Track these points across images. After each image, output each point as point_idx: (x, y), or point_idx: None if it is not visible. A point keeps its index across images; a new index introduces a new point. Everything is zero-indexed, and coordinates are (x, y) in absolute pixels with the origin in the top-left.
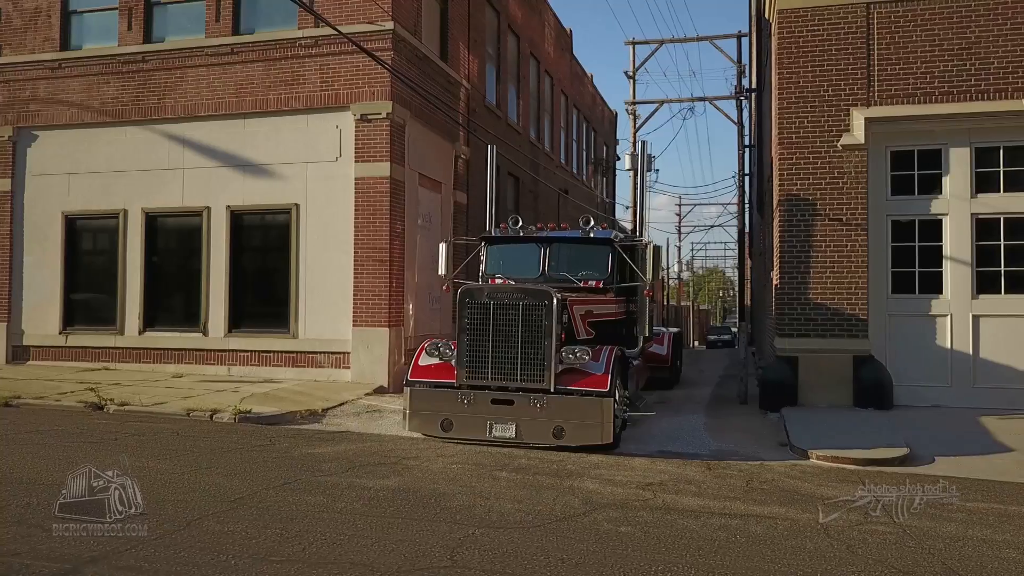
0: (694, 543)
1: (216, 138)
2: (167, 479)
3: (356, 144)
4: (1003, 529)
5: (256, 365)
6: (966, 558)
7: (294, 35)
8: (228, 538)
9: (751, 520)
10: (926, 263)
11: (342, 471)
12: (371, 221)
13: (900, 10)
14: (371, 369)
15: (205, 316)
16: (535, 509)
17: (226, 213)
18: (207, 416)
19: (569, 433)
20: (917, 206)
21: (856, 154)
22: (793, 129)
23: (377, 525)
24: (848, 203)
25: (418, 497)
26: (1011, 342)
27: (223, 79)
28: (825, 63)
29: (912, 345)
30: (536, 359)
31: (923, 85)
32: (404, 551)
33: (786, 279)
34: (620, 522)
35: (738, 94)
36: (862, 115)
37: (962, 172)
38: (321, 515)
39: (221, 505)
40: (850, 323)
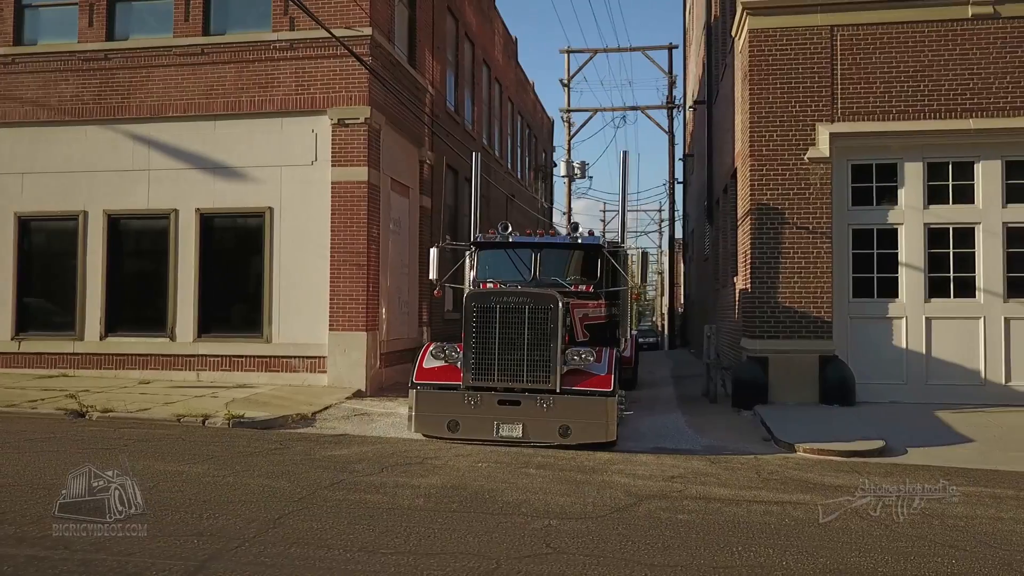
0: (752, 526)
1: (185, 140)
2: (212, 482)
3: (333, 148)
4: (1004, 509)
5: (227, 370)
6: (989, 532)
7: (268, 37)
8: (325, 534)
9: (787, 506)
10: (884, 269)
11: (377, 471)
12: (348, 225)
13: (861, 33)
14: (348, 373)
15: (173, 320)
16: (587, 501)
17: (195, 216)
18: (199, 422)
19: (575, 432)
20: (875, 216)
21: (821, 167)
22: (763, 142)
23: (455, 519)
24: (814, 212)
25: (470, 493)
26: (959, 342)
27: (193, 80)
28: (793, 80)
29: (871, 346)
30: (542, 361)
31: (882, 104)
32: (500, 541)
33: (756, 284)
34: (673, 511)
35: (669, 104)
36: (827, 130)
37: (916, 185)
38: (394, 511)
39: (290, 505)
40: (816, 325)
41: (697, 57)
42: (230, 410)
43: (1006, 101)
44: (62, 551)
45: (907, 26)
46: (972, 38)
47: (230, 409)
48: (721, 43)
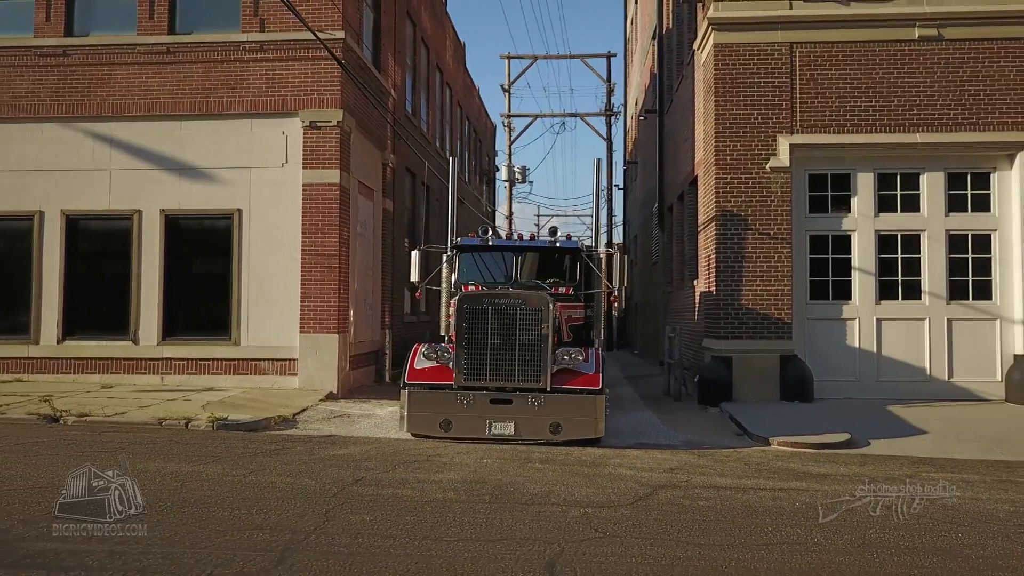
0: (769, 510)
1: (149, 139)
2: (237, 481)
3: (304, 151)
4: (981, 490)
5: (193, 373)
6: (972, 511)
7: (237, 38)
8: (381, 525)
9: (791, 492)
10: (838, 273)
11: (390, 468)
12: (320, 228)
13: (818, 51)
14: (319, 376)
15: (135, 324)
16: (607, 492)
17: (160, 217)
18: (182, 424)
19: (565, 429)
20: (831, 223)
21: (782, 176)
22: (728, 152)
23: (495, 509)
24: (775, 219)
25: (494, 486)
26: (907, 342)
27: (157, 79)
28: (755, 94)
29: (827, 345)
30: (534, 361)
31: (837, 117)
32: (549, 528)
33: (721, 287)
34: (691, 498)
35: (608, 112)
36: (787, 141)
37: (867, 194)
38: (434, 503)
39: (329, 500)
40: (777, 326)
41: (642, 67)
42: (213, 413)
43: (949, 117)
44: (134, 545)
45: (860, 45)
46: (919, 58)
47: (212, 412)
48: (676, 55)
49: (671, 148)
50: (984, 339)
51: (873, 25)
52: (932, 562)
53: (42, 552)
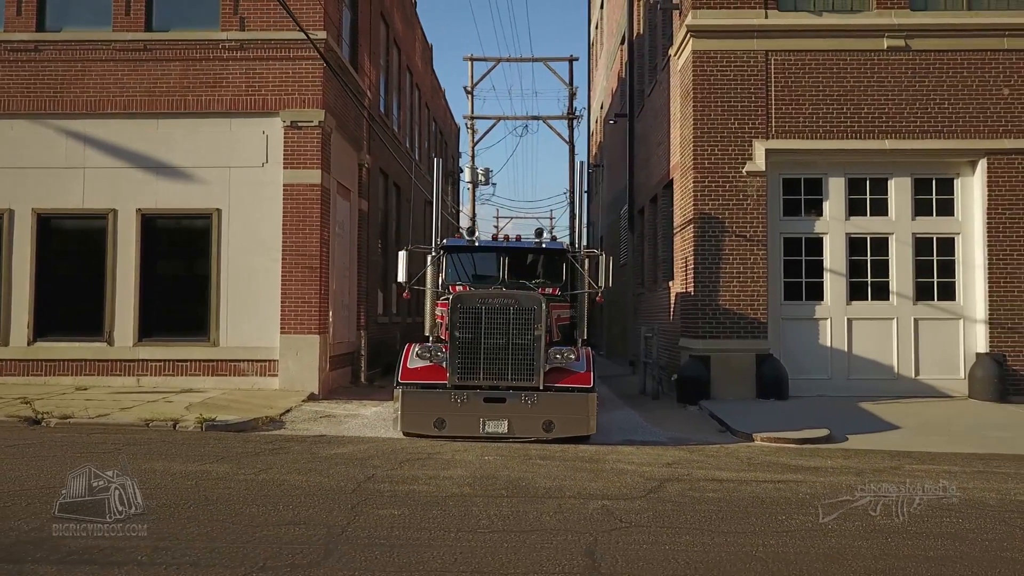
0: (776, 500)
1: (125, 137)
2: (249, 479)
3: (285, 151)
4: (965, 480)
5: (170, 375)
6: (980, 497)
7: (217, 36)
8: (412, 519)
9: (790, 484)
10: (811, 274)
11: (396, 466)
12: (301, 228)
13: (792, 59)
14: (300, 376)
15: (110, 325)
16: (617, 485)
17: (136, 216)
18: (170, 426)
19: (558, 426)
20: (804, 226)
21: (758, 180)
22: (706, 156)
23: (516, 503)
24: (751, 222)
25: (506, 482)
26: (876, 341)
27: (134, 76)
28: (732, 99)
29: (800, 344)
30: (527, 359)
31: (810, 123)
32: (575, 519)
33: (699, 288)
34: (699, 490)
35: (570, 115)
36: (763, 146)
37: (838, 198)
38: (455, 498)
39: (350, 497)
40: (753, 326)
41: (608, 71)
42: (201, 414)
43: (916, 125)
44: (175, 541)
45: (832, 54)
46: (888, 67)
47: (201, 413)
48: (648, 60)
49: (642, 152)
50: (948, 338)
51: (844, 35)
52: (943, 544)
53: (87, 548)
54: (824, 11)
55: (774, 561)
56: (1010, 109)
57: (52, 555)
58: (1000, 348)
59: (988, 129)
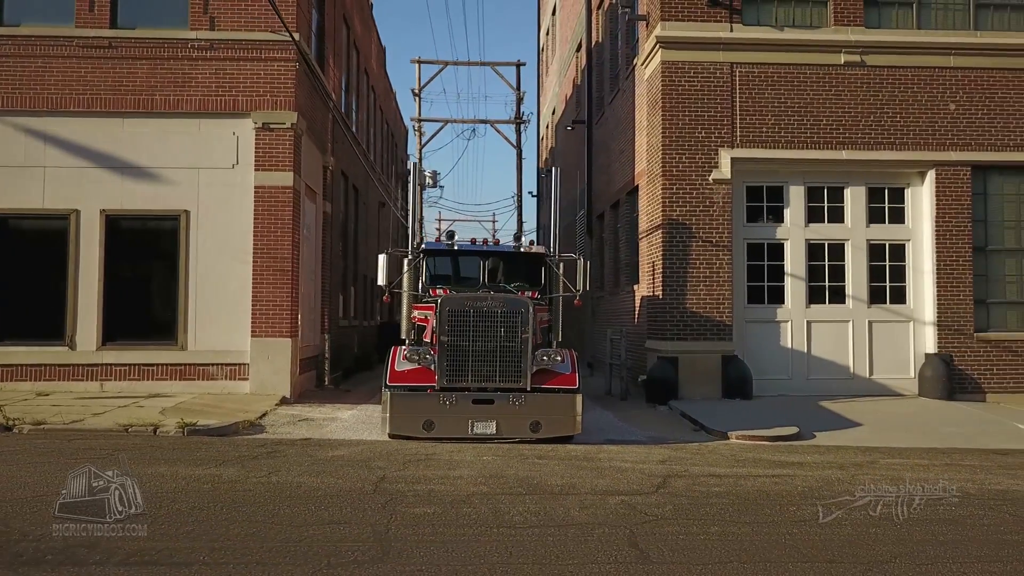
0: (779, 492)
1: (88, 136)
2: (264, 482)
3: (257, 152)
4: (939, 473)
5: (135, 380)
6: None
7: (186, 36)
8: (442, 517)
9: (784, 477)
10: (773, 279)
11: (400, 467)
12: (272, 231)
13: (756, 71)
14: (272, 380)
15: (72, 328)
16: (625, 482)
17: (100, 217)
18: (149, 430)
19: (545, 427)
20: (766, 232)
21: (723, 187)
22: (674, 164)
23: (537, 500)
24: (717, 228)
25: (516, 480)
26: (833, 343)
27: (99, 74)
28: (699, 109)
29: (763, 346)
30: (514, 362)
31: (773, 134)
32: (602, 513)
33: (667, 292)
34: (705, 484)
35: (518, 120)
36: (728, 155)
37: (798, 205)
38: (478, 496)
39: (375, 497)
40: (719, 328)
41: (561, 77)
42: (183, 419)
43: (870, 136)
44: (225, 541)
45: (793, 68)
46: (844, 82)
47: (182, 418)
48: (609, 68)
49: (602, 158)
50: (900, 340)
51: (804, 50)
52: (948, 530)
53: (139, 551)
54: (786, 26)
55: (805, 547)
56: (956, 123)
57: (110, 558)
58: (947, 349)
59: (936, 142)
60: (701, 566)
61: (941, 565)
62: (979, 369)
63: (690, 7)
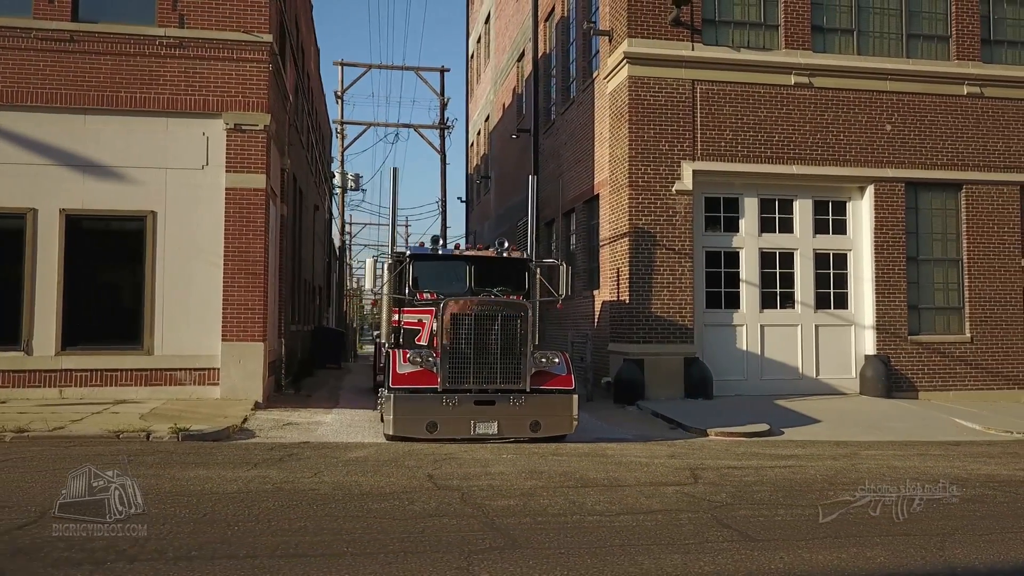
0: (804, 479)
1: (46, 132)
2: (319, 484)
3: (228, 154)
4: (924, 461)
5: (98, 385)
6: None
7: (153, 32)
8: (530, 506)
9: (794, 468)
10: (729, 285)
11: (434, 465)
12: (244, 233)
13: (715, 88)
14: (244, 385)
15: (28, 332)
16: (659, 475)
17: (59, 217)
18: (142, 436)
19: (544, 426)
20: (723, 240)
21: (685, 198)
22: (640, 174)
23: (602, 491)
24: (679, 236)
25: (561, 475)
26: (784, 345)
27: (58, 67)
28: (664, 123)
29: (720, 349)
30: (514, 363)
31: (729, 148)
32: (672, 502)
33: (634, 297)
34: (734, 475)
35: (442, 125)
36: (690, 167)
37: (752, 216)
38: (543, 490)
39: (444, 493)
40: (681, 332)
41: (498, 86)
42: (175, 423)
43: (817, 153)
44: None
45: (749, 87)
46: (795, 101)
47: (175, 423)
48: (561, 80)
49: (552, 167)
50: (842, 342)
51: (758, 70)
52: (975, 507)
53: (292, 544)
54: (742, 47)
55: (881, 522)
56: (892, 143)
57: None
58: (885, 351)
59: (875, 160)
60: (803, 542)
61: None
62: (912, 369)
63: (655, 25)
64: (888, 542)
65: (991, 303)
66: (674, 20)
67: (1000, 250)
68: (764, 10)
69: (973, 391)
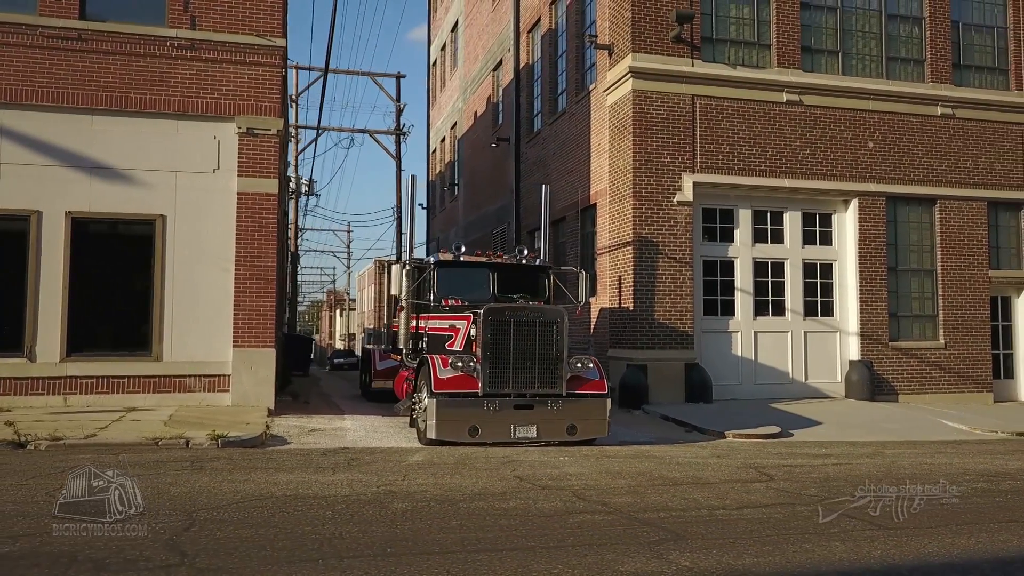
0: (858, 475)
1: (53, 132)
2: (418, 485)
3: (240, 158)
4: (933, 457)
5: (104, 393)
6: (956, 470)
7: (165, 33)
8: (651, 504)
9: (842, 464)
10: (725, 293)
11: (502, 467)
12: (256, 238)
13: (713, 103)
14: (255, 391)
15: (32, 339)
16: (727, 473)
17: (65, 219)
18: (182, 443)
19: (580, 430)
20: (719, 250)
21: (686, 208)
22: (643, 185)
23: (686, 490)
24: (680, 246)
25: (638, 474)
26: (777, 351)
27: (65, 66)
28: (665, 136)
29: (717, 354)
30: (552, 368)
31: (727, 161)
32: (758, 495)
33: (638, 304)
34: (803, 472)
35: (397, 131)
36: (690, 179)
37: (746, 227)
38: (638, 488)
39: (559, 493)
40: (682, 338)
41: (468, 93)
42: (214, 430)
43: (807, 167)
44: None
45: (744, 103)
46: (786, 118)
47: (214, 429)
48: (549, 91)
49: (538, 175)
50: (829, 348)
51: (753, 87)
52: (992, 499)
53: (456, 541)
54: (737, 64)
55: (961, 506)
56: (874, 159)
57: None
58: (868, 356)
59: (859, 175)
60: (934, 528)
61: None
62: (893, 373)
63: (657, 41)
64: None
65: (962, 311)
66: (675, 37)
67: (970, 261)
68: (758, 30)
69: (947, 394)
